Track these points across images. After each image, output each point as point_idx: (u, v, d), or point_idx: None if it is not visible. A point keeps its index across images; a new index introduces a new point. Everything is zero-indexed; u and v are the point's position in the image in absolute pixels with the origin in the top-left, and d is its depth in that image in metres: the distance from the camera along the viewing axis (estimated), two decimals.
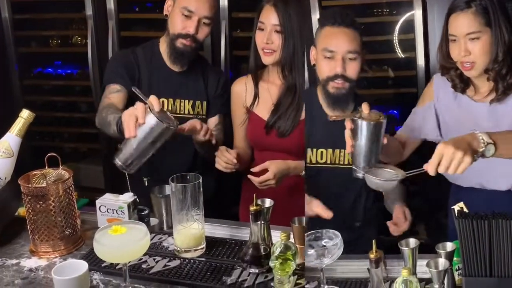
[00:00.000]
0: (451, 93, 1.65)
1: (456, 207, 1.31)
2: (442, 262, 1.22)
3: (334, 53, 1.68)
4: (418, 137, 1.72)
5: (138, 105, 1.50)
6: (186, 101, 2.01)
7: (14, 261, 1.51)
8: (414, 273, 1.27)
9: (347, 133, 1.40)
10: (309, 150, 1.78)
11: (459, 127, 1.56)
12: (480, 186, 1.63)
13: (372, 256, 1.21)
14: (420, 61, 2.52)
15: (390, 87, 2.73)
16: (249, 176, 1.74)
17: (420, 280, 1.24)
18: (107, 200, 1.66)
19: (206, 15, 1.89)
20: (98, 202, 1.66)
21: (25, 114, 1.61)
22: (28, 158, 2.72)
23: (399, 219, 1.68)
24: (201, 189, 1.49)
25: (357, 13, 2.62)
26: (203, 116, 2.02)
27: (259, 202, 1.43)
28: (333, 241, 1.30)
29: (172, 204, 1.50)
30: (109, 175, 3.00)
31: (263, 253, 1.41)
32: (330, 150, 1.77)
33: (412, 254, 1.28)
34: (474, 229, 1.20)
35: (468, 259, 1.20)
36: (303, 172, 1.78)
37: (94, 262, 1.45)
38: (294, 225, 1.46)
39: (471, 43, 1.51)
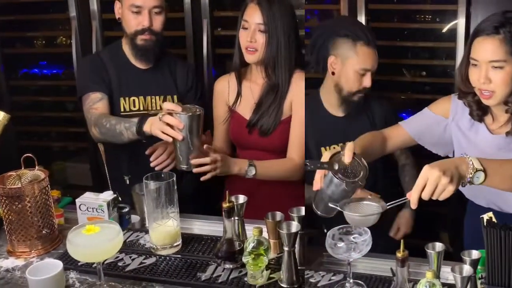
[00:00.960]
0: (468, 120, 1.53)
1: (485, 216, 1.25)
2: (467, 269, 1.19)
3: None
4: (416, 138, 1.63)
5: (166, 118, 1.58)
6: (157, 97, 2.00)
7: None
8: (437, 277, 1.23)
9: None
10: None
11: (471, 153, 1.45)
12: (497, 208, 1.53)
13: (399, 255, 1.18)
14: (456, 69, 2.44)
15: (427, 92, 2.66)
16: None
17: (442, 285, 1.20)
18: (87, 199, 1.63)
19: (154, 5, 1.88)
20: (78, 201, 1.63)
21: (1, 116, 1.57)
22: (17, 157, 2.68)
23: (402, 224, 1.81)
24: (175, 187, 1.47)
25: (401, 18, 2.68)
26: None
27: (232, 198, 1.40)
28: (363, 237, 1.27)
29: (147, 203, 1.47)
30: (96, 173, 2.96)
31: (237, 249, 1.39)
32: None
33: (438, 258, 1.25)
34: (502, 239, 1.16)
35: (492, 268, 1.18)
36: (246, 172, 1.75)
37: (71, 261, 1.42)
38: (268, 220, 1.44)
39: (493, 71, 1.38)
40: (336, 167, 1.25)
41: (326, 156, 1.27)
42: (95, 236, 1.28)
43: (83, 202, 1.62)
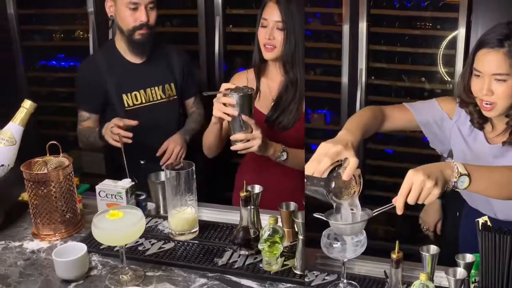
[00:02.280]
0: (468, 125, 1.50)
1: (480, 220, 1.22)
2: (461, 272, 1.16)
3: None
4: (421, 126, 1.55)
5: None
6: (156, 88, 2.04)
7: (17, 243, 1.48)
8: (431, 279, 1.21)
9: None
10: None
11: (464, 160, 1.44)
12: (493, 215, 1.49)
13: (394, 256, 1.15)
14: (458, 77, 2.40)
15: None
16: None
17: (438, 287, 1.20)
18: (106, 186, 1.63)
19: (150, 0, 1.92)
20: (98, 187, 1.63)
21: (27, 104, 1.58)
22: (34, 146, 2.68)
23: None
24: (195, 175, 1.47)
25: (403, 23, 2.66)
26: (175, 97, 2.09)
27: (249, 188, 1.41)
28: (358, 237, 1.23)
29: (167, 190, 1.48)
30: (110, 162, 2.96)
31: (252, 236, 1.39)
32: None
33: (432, 260, 1.21)
34: (496, 243, 1.13)
35: (486, 272, 1.15)
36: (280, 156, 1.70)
37: (93, 245, 1.43)
38: (282, 209, 1.44)
39: (495, 84, 1.34)
40: (332, 185, 1.17)
41: (326, 163, 1.18)
42: (119, 221, 1.28)
43: (102, 189, 1.63)
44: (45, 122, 3.18)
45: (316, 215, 1.20)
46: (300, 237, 1.30)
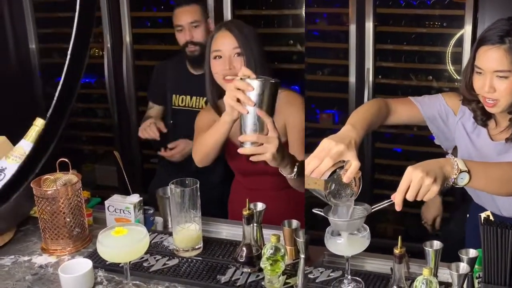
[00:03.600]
0: (472, 122, 1.45)
1: (483, 215, 1.17)
2: (464, 267, 1.12)
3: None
4: (428, 121, 1.48)
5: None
6: (200, 98, 2.21)
7: (26, 258, 1.47)
8: (435, 274, 1.18)
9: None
10: None
11: (468, 157, 1.41)
12: (498, 212, 1.45)
13: (396, 251, 1.13)
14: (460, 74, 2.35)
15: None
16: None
17: (440, 283, 1.15)
18: (115, 201, 1.62)
19: (190, 21, 2.13)
20: (107, 202, 1.62)
21: (39, 123, 1.57)
22: (50, 158, 2.69)
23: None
24: (199, 192, 1.45)
25: (409, 22, 2.61)
26: None
27: (251, 206, 1.38)
28: (362, 233, 1.21)
29: (171, 207, 1.46)
30: (122, 175, 2.96)
31: (255, 254, 1.36)
32: None
33: (435, 256, 1.18)
34: (498, 237, 1.09)
35: (489, 266, 1.11)
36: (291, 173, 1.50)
37: (99, 260, 1.40)
38: (285, 227, 1.41)
39: (497, 80, 1.29)
40: (332, 187, 1.14)
41: (327, 164, 1.13)
42: (124, 238, 1.26)
43: (111, 204, 1.61)
44: (60, 136, 3.19)
45: (315, 210, 1.19)
46: (302, 256, 1.26)
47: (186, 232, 1.45)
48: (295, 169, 1.47)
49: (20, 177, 1.53)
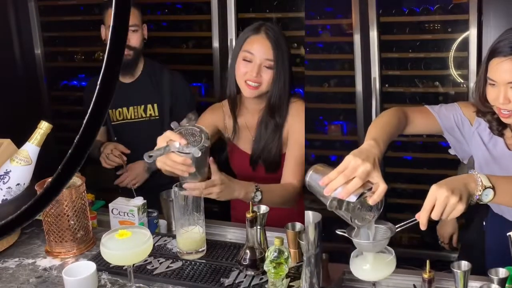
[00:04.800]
0: (488, 132, 1.41)
1: None
2: None
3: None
4: (445, 131, 1.44)
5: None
6: (138, 107, 2.13)
7: (31, 261, 1.47)
8: None
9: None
10: None
11: (486, 168, 1.38)
12: None
13: (426, 276, 1.10)
14: (473, 79, 2.31)
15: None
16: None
17: None
18: (119, 204, 1.61)
19: (130, 24, 2.01)
20: (111, 205, 1.62)
21: (43, 125, 1.57)
22: (55, 162, 2.69)
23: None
24: (202, 196, 1.44)
25: (413, 29, 2.58)
26: (156, 117, 2.13)
27: (254, 209, 1.37)
28: (387, 257, 1.15)
29: (175, 210, 1.45)
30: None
31: (258, 257, 1.35)
32: None
33: (464, 277, 1.14)
34: None
35: None
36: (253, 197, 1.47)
37: (103, 263, 1.40)
38: (288, 230, 1.40)
39: None
40: (358, 209, 1.08)
41: (356, 185, 1.07)
42: (127, 241, 1.26)
43: (115, 207, 1.61)
44: (66, 139, 3.20)
45: (339, 231, 1.14)
46: (305, 258, 1.25)
47: (190, 235, 1.44)
48: (257, 194, 1.45)
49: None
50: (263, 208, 1.40)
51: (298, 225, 1.39)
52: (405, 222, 1.12)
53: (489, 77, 1.30)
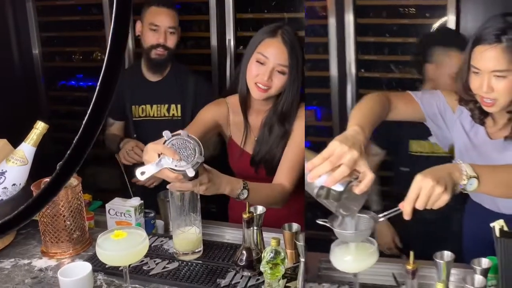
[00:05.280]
0: (470, 120, 1.41)
1: (496, 225, 1.11)
2: (479, 280, 1.09)
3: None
4: (427, 118, 1.42)
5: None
6: (162, 106, 2.14)
7: (26, 261, 1.46)
8: (447, 285, 1.13)
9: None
10: None
11: (466, 155, 1.37)
12: (496, 209, 1.40)
13: (409, 267, 1.10)
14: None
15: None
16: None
17: None
18: (116, 204, 1.61)
19: (169, 25, 2.06)
20: (108, 205, 1.62)
21: (40, 126, 1.56)
22: (52, 162, 2.69)
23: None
24: (199, 196, 1.43)
25: (391, 14, 2.49)
26: (179, 118, 2.14)
27: (251, 209, 1.36)
28: (369, 248, 1.14)
29: (171, 210, 1.44)
30: (123, 178, 2.96)
31: (255, 258, 1.34)
32: None
33: (447, 267, 1.14)
34: None
35: (508, 279, 1.06)
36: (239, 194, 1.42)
37: (99, 263, 1.39)
38: (285, 231, 1.39)
39: (495, 80, 1.24)
40: (343, 197, 1.05)
41: (343, 173, 1.03)
42: (123, 241, 1.25)
43: (112, 207, 1.60)
44: (64, 140, 3.20)
45: (319, 221, 1.12)
46: (302, 259, 1.25)
47: (186, 236, 1.43)
48: (243, 192, 1.41)
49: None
50: (260, 209, 1.40)
51: (295, 226, 1.39)
52: (388, 212, 1.10)
53: (472, 65, 1.28)
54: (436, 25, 2.39)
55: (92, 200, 1.85)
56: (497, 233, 1.09)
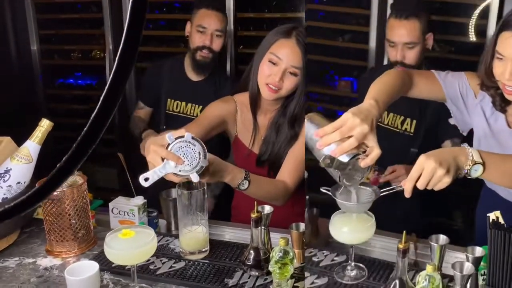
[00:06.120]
0: (491, 106, 1.37)
1: (492, 216, 1.12)
2: (468, 267, 1.09)
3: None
4: (448, 99, 1.39)
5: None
6: (196, 105, 2.18)
7: (31, 260, 1.44)
8: (439, 268, 1.16)
9: None
10: None
11: (484, 141, 1.36)
12: (510, 198, 1.38)
13: (400, 246, 1.12)
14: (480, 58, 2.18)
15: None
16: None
17: (444, 276, 1.14)
18: (119, 203, 1.60)
19: (216, 28, 2.09)
20: (111, 204, 1.61)
21: (44, 123, 1.55)
22: (50, 161, 2.67)
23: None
24: (206, 195, 1.43)
25: None
26: None
27: (259, 208, 1.36)
28: (367, 222, 1.19)
29: (178, 209, 1.44)
30: (122, 177, 2.94)
31: (263, 257, 1.34)
32: None
33: (441, 251, 1.17)
34: (506, 242, 1.04)
35: (494, 270, 1.07)
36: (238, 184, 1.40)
37: (105, 262, 1.38)
38: (293, 230, 1.39)
39: None
40: (348, 169, 1.09)
41: (352, 145, 1.06)
42: (131, 240, 1.24)
43: (115, 206, 1.60)
44: (62, 139, 3.17)
45: (323, 189, 1.15)
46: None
47: (193, 235, 1.43)
48: (244, 182, 1.39)
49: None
50: (267, 208, 1.39)
51: (302, 226, 1.39)
52: (390, 188, 1.13)
53: (497, 51, 1.25)
54: (481, 7, 2.31)
55: (92, 199, 1.84)
56: (490, 223, 1.09)
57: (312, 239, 1.29)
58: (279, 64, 1.52)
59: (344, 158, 1.08)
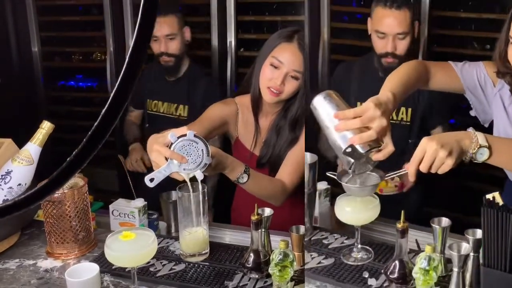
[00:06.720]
0: (509, 95, 1.34)
1: (490, 196, 1.09)
2: (465, 247, 1.09)
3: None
4: (467, 90, 1.37)
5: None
6: (171, 104, 2.25)
7: (31, 262, 1.45)
8: (442, 251, 1.17)
9: None
10: None
11: (503, 132, 1.33)
12: None
13: (399, 226, 1.13)
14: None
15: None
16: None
17: (449, 260, 1.13)
18: (120, 205, 1.60)
19: (166, 34, 2.12)
20: (111, 206, 1.61)
21: (45, 125, 1.55)
22: (51, 163, 2.67)
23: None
24: (206, 197, 1.43)
25: None
26: (185, 118, 2.21)
27: (259, 211, 1.36)
28: (372, 203, 1.21)
29: (178, 211, 1.44)
30: (122, 180, 2.94)
31: (263, 260, 1.34)
32: None
33: (443, 233, 1.17)
34: (499, 220, 1.02)
35: (489, 249, 1.05)
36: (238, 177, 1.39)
37: (106, 264, 1.39)
38: (293, 233, 1.40)
39: None
40: (362, 160, 1.12)
41: (371, 136, 1.08)
42: (132, 242, 1.25)
43: (116, 208, 1.60)
44: (63, 141, 3.18)
45: (329, 173, 1.18)
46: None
47: (193, 237, 1.43)
48: (243, 176, 1.38)
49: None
50: (268, 211, 1.39)
51: (302, 228, 1.39)
52: (394, 172, 1.16)
53: (511, 36, 1.22)
54: None
55: (93, 201, 1.84)
56: (484, 202, 1.07)
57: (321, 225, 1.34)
58: (280, 68, 1.53)
59: (362, 149, 1.10)
